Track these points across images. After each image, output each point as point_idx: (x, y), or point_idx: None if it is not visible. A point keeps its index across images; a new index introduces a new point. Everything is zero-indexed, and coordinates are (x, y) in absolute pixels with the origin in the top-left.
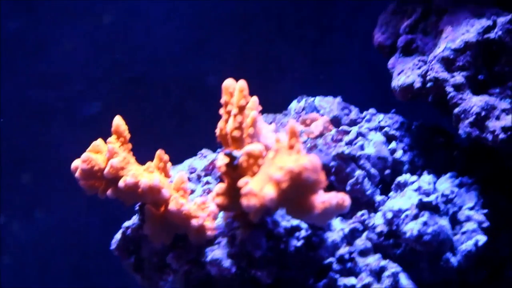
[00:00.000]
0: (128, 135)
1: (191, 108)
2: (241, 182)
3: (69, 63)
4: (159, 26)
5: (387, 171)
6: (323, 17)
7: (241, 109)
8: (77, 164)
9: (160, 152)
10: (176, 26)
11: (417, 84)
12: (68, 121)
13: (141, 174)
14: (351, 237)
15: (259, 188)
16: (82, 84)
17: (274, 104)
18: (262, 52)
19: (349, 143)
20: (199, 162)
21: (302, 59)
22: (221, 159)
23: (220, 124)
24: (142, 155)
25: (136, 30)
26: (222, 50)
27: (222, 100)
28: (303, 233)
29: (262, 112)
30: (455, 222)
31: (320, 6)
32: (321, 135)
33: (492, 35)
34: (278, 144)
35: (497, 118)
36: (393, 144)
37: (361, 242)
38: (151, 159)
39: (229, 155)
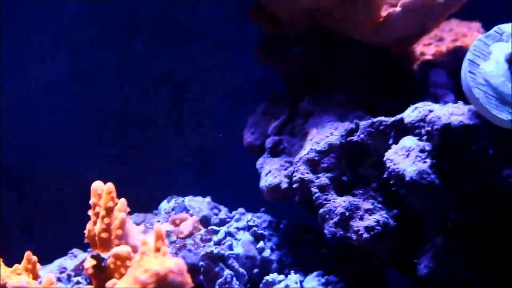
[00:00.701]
0: None
1: (64, 205)
2: (108, 285)
3: None
4: (34, 118)
5: (256, 270)
6: (200, 115)
7: (109, 211)
8: None
9: (28, 254)
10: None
11: (284, 185)
12: None
13: (7, 277)
14: None
15: None
16: None
17: (147, 202)
18: (137, 148)
19: (218, 243)
20: (69, 261)
21: (175, 158)
22: (88, 261)
23: (89, 225)
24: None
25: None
26: (98, 148)
27: (91, 202)
28: None
29: (132, 211)
30: None
31: (195, 101)
32: (190, 235)
33: (355, 137)
34: (144, 247)
35: (361, 218)
36: (261, 243)
37: None
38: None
39: (96, 257)
